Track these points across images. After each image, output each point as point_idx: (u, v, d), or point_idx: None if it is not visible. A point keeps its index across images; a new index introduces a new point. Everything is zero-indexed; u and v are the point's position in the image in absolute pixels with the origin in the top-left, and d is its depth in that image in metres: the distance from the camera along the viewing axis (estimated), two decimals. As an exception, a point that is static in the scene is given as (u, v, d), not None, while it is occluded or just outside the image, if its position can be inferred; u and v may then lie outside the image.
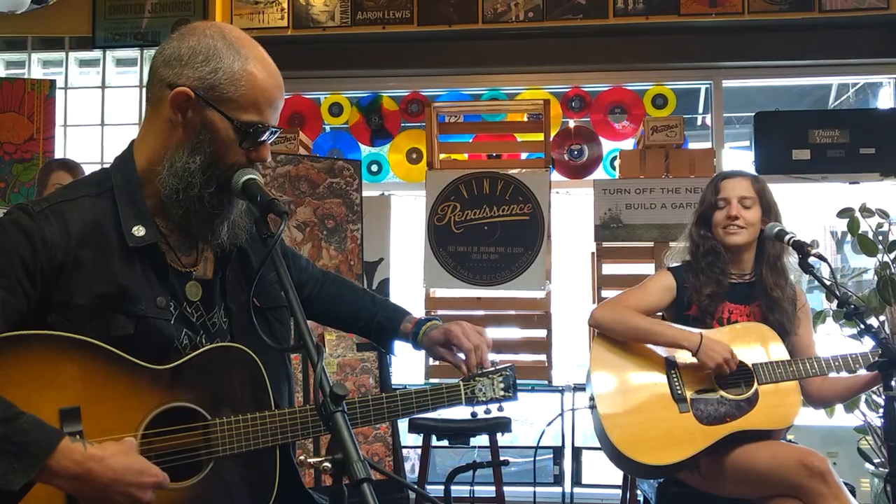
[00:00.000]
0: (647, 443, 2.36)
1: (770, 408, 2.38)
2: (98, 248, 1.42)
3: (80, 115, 5.06)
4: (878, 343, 1.99)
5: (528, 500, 3.84)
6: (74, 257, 1.40)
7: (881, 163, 4.59)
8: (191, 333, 1.50)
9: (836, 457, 4.01)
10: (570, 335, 4.73)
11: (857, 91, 5.18)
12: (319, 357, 1.18)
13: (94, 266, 1.41)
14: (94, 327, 1.40)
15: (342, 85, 5.10)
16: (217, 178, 1.45)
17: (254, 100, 1.42)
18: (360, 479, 1.04)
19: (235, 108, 1.42)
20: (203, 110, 1.42)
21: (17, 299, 1.37)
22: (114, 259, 1.43)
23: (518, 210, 4.40)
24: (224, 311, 1.55)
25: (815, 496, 2.20)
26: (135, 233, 1.44)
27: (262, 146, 1.47)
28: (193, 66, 1.42)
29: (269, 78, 1.45)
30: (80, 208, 1.45)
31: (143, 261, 1.45)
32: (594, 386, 2.49)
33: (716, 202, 2.62)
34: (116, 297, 1.41)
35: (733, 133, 5.12)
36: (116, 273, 1.42)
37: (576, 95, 4.94)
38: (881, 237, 3.89)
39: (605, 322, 2.54)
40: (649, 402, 2.44)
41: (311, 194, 4.06)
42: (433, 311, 4.43)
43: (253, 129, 1.43)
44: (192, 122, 1.43)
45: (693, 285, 2.58)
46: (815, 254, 2.28)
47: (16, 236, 1.38)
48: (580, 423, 4.33)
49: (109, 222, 1.44)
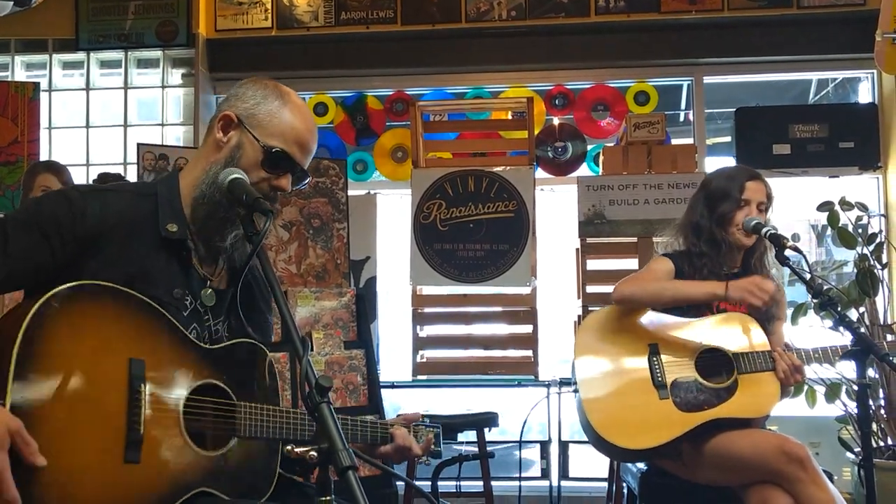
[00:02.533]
0: (627, 427, 2.41)
1: (749, 397, 2.43)
2: (131, 233, 1.56)
3: (65, 118, 5.06)
4: (852, 332, 2.04)
5: (515, 494, 3.87)
6: (108, 235, 1.53)
7: (860, 157, 4.66)
8: (199, 328, 1.61)
9: (818, 447, 4.07)
10: (555, 330, 4.78)
11: (836, 86, 5.25)
12: (305, 351, 1.22)
13: (123, 247, 1.54)
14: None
15: (327, 85, 5.12)
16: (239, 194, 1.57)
17: (282, 131, 1.63)
18: (345, 466, 1.07)
19: (265, 134, 1.62)
20: (242, 133, 1.63)
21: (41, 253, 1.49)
22: (144, 245, 1.56)
23: (503, 207, 4.44)
24: (226, 324, 1.69)
25: (795, 482, 2.24)
26: (169, 228, 1.59)
27: (283, 176, 1.63)
28: (244, 100, 1.67)
29: (303, 121, 1.66)
30: (123, 199, 1.60)
31: (170, 254, 1.59)
32: (577, 371, 2.54)
33: (739, 201, 2.62)
34: (138, 277, 1.53)
35: (715, 129, 5.17)
36: (144, 257, 1.55)
37: (559, 93, 4.98)
38: (860, 230, 3.94)
39: (633, 292, 2.56)
40: (630, 388, 2.49)
41: (297, 194, 4.08)
42: (420, 309, 4.47)
43: (275, 152, 1.61)
44: (231, 141, 1.64)
45: (689, 274, 2.61)
46: (790, 246, 2.33)
47: (58, 202, 1.53)
48: (566, 418, 4.37)
49: (147, 217, 1.59)
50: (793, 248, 2.32)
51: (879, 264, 3.89)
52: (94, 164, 4.89)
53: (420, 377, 4.40)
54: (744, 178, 2.65)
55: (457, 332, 4.52)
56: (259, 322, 1.75)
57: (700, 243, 2.65)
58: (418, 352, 4.43)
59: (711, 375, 2.49)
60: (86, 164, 4.91)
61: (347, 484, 1.07)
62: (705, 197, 2.70)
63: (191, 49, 4.96)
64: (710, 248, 2.63)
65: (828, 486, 2.26)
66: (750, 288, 2.41)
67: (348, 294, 3.94)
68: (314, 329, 3.93)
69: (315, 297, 4.02)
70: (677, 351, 2.53)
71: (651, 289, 2.55)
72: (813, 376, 3.79)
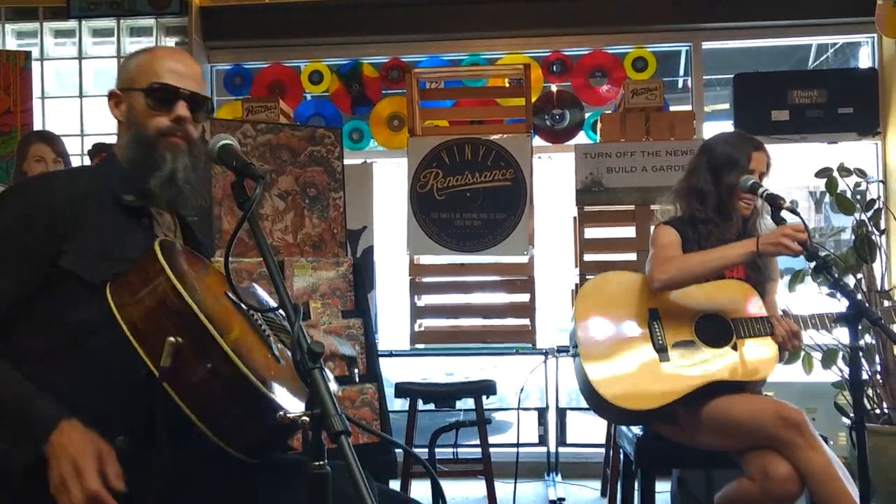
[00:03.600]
0: (627, 389, 2.43)
1: (747, 361, 2.45)
2: (100, 206, 1.62)
3: (58, 87, 5.02)
4: (846, 295, 2.04)
5: (513, 461, 3.90)
6: (79, 218, 1.58)
7: (859, 122, 4.63)
8: None
9: (814, 412, 4.10)
10: (553, 299, 4.78)
11: (836, 51, 5.20)
12: (297, 316, 1.21)
13: (98, 219, 1.60)
14: (103, 269, 1.54)
15: (321, 52, 5.07)
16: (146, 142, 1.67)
17: (152, 70, 1.68)
18: (338, 431, 1.07)
19: (140, 81, 1.68)
20: (127, 97, 1.71)
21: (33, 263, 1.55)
22: (112, 215, 1.63)
23: (500, 176, 4.41)
24: None
25: (792, 447, 2.26)
26: (127, 198, 1.65)
27: (175, 105, 1.67)
28: (120, 73, 1.76)
29: (167, 53, 1.72)
30: (81, 175, 1.70)
31: (136, 223, 1.66)
32: (578, 334, 2.55)
33: (745, 170, 2.59)
34: (119, 243, 1.59)
35: (713, 95, 5.14)
36: (118, 225, 1.62)
37: (556, 60, 4.94)
38: (859, 196, 3.93)
39: (674, 277, 2.51)
40: (630, 351, 2.50)
41: (293, 163, 4.06)
42: (418, 278, 4.47)
43: (151, 87, 1.66)
44: (124, 111, 1.72)
45: (694, 240, 2.60)
46: (787, 207, 2.32)
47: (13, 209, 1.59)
48: (564, 385, 4.40)
49: (105, 191, 1.65)
50: (789, 209, 2.31)
51: (877, 230, 3.89)
52: (89, 135, 4.86)
53: (418, 346, 4.41)
54: (750, 147, 2.63)
55: (454, 301, 4.53)
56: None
57: (706, 210, 2.63)
58: (416, 321, 4.43)
59: (710, 340, 2.50)
60: (80, 135, 4.88)
61: (340, 449, 1.07)
62: (709, 163, 2.66)
63: (184, 17, 4.90)
64: (717, 214, 2.62)
65: (825, 449, 2.27)
66: (779, 239, 2.37)
67: (345, 264, 3.93)
68: (311, 299, 3.93)
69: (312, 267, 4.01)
70: (677, 316, 2.54)
71: (690, 267, 2.49)
72: (810, 342, 3.80)
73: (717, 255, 2.48)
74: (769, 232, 2.45)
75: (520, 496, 3.96)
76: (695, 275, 2.50)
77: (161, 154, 1.66)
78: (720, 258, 2.47)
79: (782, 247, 2.36)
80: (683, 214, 2.69)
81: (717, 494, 2.48)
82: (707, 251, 2.53)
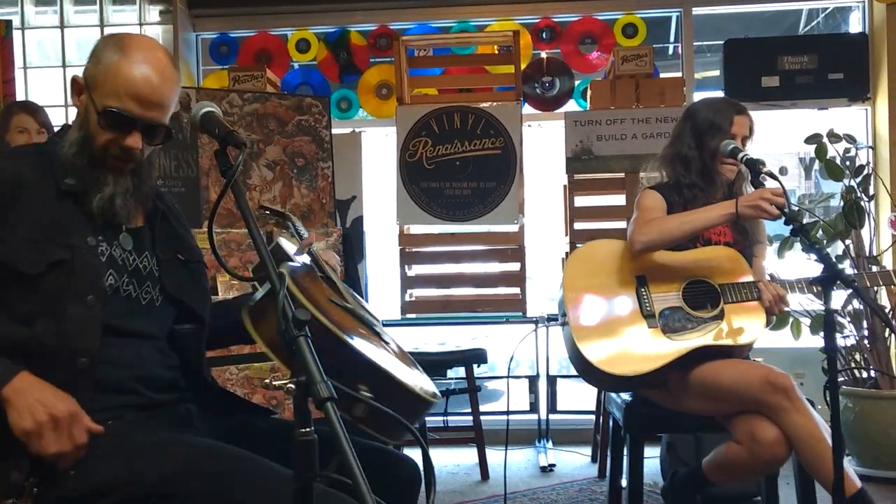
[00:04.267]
0: (616, 355, 2.43)
1: (735, 326, 2.46)
2: (36, 192, 1.54)
3: (40, 57, 4.95)
4: (821, 258, 2.05)
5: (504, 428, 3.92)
6: (11, 202, 1.51)
7: (849, 88, 4.62)
8: (115, 275, 1.58)
9: (802, 377, 4.13)
10: (543, 267, 4.79)
11: (826, 17, 5.17)
12: (281, 284, 1.20)
13: (31, 205, 1.53)
14: (34, 257, 1.49)
15: (308, 20, 5.00)
16: (89, 154, 1.57)
17: (115, 88, 1.55)
18: (323, 398, 1.07)
19: (103, 94, 1.56)
20: (87, 96, 1.59)
21: None
22: (51, 200, 1.55)
23: (490, 144, 4.39)
24: (154, 259, 1.67)
25: (779, 411, 2.27)
26: (68, 182, 1.57)
27: (129, 135, 1.56)
28: (93, 60, 1.61)
29: (139, 71, 1.56)
30: (17, 163, 1.60)
31: (76, 205, 1.57)
32: (566, 303, 2.55)
33: (728, 135, 2.59)
34: (53, 229, 1.52)
35: (704, 62, 5.10)
36: (54, 210, 1.54)
37: (546, 26, 4.89)
38: (848, 162, 3.93)
39: (653, 239, 2.51)
40: (619, 318, 2.51)
41: (280, 132, 4.02)
42: (408, 248, 4.46)
43: (107, 112, 1.55)
44: (80, 105, 1.61)
45: (680, 205, 2.60)
46: (765, 172, 2.31)
47: None
48: (554, 353, 4.42)
49: (46, 173, 1.58)
50: (768, 174, 2.31)
51: (866, 196, 3.90)
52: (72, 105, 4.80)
53: (409, 316, 4.42)
54: (732, 111, 2.63)
55: (445, 271, 4.53)
56: (184, 246, 1.76)
57: (690, 175, 2.63)
58: (406, 291, 4.43)
59: (698, 305, 2.51)
60: (64, 105, 4.82)
61: (326, 416, 1.06)
62: (692, 128, 2.66)
63: (168, -16, 4.83)
64: (702, 179, 2.62)
65: (812, 413, 2.29)
66: (757, 201, 2.38)
67: (335, 234, 3.92)
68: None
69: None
70: (664, 282, 2.54)
71: (670, 228, 2.50)
72: (798, 308, 3.83)
73: (697, 217, 2.49)
74: (748, 194, 2.46)
75: (511, 463, 3.99)
76: (674, 236, 2.51)
77: (102, 174, 1.58)
78: (699, 220, 2.48)
79: (760, 210, 2.37)
80: (669, 180, 2.69)
81: (705, 459, 2.50)
82: (686, 213, 2.53)
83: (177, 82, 1.63)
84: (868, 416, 3.70)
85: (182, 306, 1.69)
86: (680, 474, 2.63)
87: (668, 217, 2.55)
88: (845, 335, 3.85)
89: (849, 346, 3.89)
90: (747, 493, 3.16)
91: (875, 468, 3.69)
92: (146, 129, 1.58)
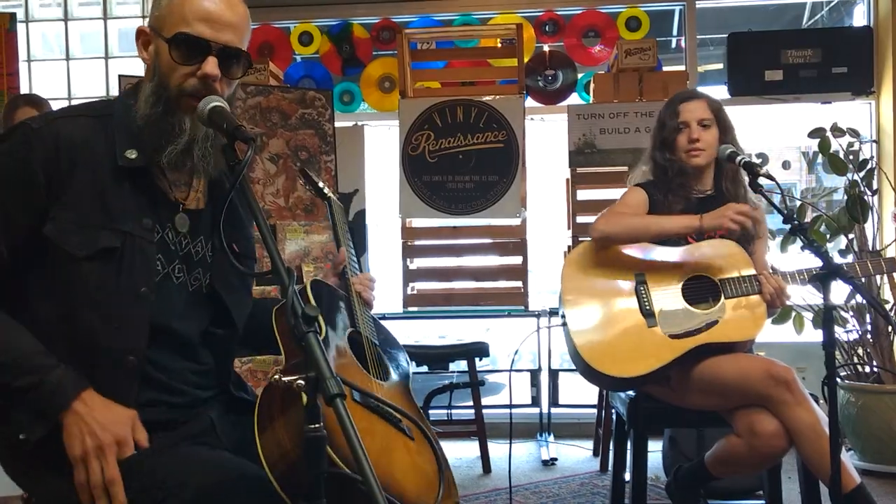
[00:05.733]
0: (617, 356, 2.43)
1: (736, 321, 2.45)
2: (90, 167, 1.47)
3: (44, 50, 4.94)
4: (819, 256, 2.05)
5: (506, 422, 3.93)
6: (69, 173, 1.45)
7: (853, 82, 4.61)
8: (164, 260, 1.52)
9: (804, 371, 4.12)
10: (545, 261, 4.79)
11: (830, 10, 5.16)
12: (291, 281, 1.20)
13: (84, 183, 1.46)
14: (83, 240, 1.44)
15: (311, 13, 5.00)
16: (165, 98, 1.49)
17: (181, 15, 1.47)
18: (333, 394, 1.07)
19: (168, 27, 1.49)
20: (155, 40, 1.51)
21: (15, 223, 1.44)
22: (105, 178, 1.47)
23: (492, 138, 4.39)
24: (209, 244, 1.60)
25: (781, 404, 2.28)
26: (127, 155, 1.49)
27: (203, 61, 1.47)
28: (154, 9, 1.53)
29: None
30: (76, 125, 1.50)
31: (133, 183, 1.50)
32: (566, 304, 2.55)
33: (677, 126, 2.66)
34: (105, 212, 1.46)
35: (707, 55, 5.10)
36: (106, 191, 1.47)
37: (549, 19, 4.88)
38: (851, 156, 3.93)
39: (612, 230, 2.57)
40: (619, 318, 2.50)
41: (284, 126, 4.02)
42: (410, 241, 4.46)
43: (176, 38, 1.46)
44: (151, 55, 1.53)
45: (662, 201, 2.63)
46: (764, 174, 2.32)
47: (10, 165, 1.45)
48: (556, 347, 4.42)
49: (102, 144, 1.49)
50: (766, 176, 2.31)
51: (869, 190, 3.89)
52: (77, 98, 4.80)
53: (411, 309, 4.42)
54: (677, 101, 2.71)
55: (447, 264, 4.53)
56: (241, 236, 1.68)
57: (668, 175, 2.67)
58: (409, 284, 4.44)
59: (698, 301, 2.50)
60: (67, 98, 4.82)
61: (336, 412, 1.07)
62: (654, 130, 2.77)
63: (170, -23, 4.81)
64: (680, 176, 2.66)
65: (813, 407, 2.30)
66: (724, 215, 2.43)
67: (337, 227, 3.91)
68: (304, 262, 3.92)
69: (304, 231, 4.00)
70: (664, 279, 2.54)
71: (629, 226, 2.56)
72: (801, 303, 3.83)
73: (663, 223, 2.54)
74: (715, 210, 2.48)
75: (513, 456, 4.01)
76: (634, 236, 2.57)
77: (180, 118, 1.48)
78: (658, 226, 2.54)
79: (725, 223, 2.43)
80: (653, 178, 2.73)
81: (707, 453, 2.51)
82: (654, 217, 2.58)
83: (246, 10, 1.55)
84: (870, 411, 3.71)
85: (221, 305, 1.61)
86: (683, 469, 2.64)
87: (635, 216, 2.59)
88: (848, 330, 3.85)
89: (851, 341, 3.90)
90: (750, 488, 3.17)
91: (877, 463, 3.70)
92: (222, 54, 1.48)
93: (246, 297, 1.69)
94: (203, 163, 1.52)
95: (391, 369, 1.75)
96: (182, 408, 1.55)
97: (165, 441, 1.48)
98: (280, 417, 1.34)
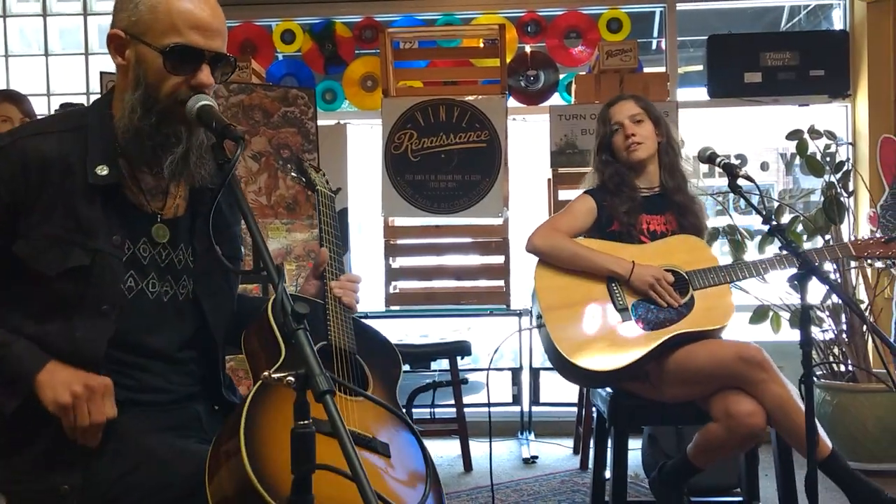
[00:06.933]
0: (594, 351, 2.47)
1: (706, 310, 2.52)
2: (61, 183, 1.45)
3: (22, 45, 4.89)
4: (797, 255, 2.10)
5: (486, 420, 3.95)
6: (36, 191, 1.44)
7: (830, 85, 4.67)
8: (136, 276, 1.52)
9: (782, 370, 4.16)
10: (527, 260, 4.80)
11: (808, 13, 5.23)
12: (280, 278, 1.21)
13: (55, 200, 1.44)
14: (53, 258, 1.44)
15: (293, 11, 4.99)
16: (157, 109, 1.46)
17: (172, 23, 1.44)
18: (322, 391, 1.08)
19: (156, 35, 1.44)
20: (135, 46, 1.46)
21: None
22: (76, 194, 1.45)
23: (475, 137, 4.41)
24: (190, 250, 1.59)
25: (756, 383, 2.33)
26: (98, 171, 1.46)
27: (199, 71, 1.46)
28: (124, 10, 1.48)
29: (191, 3, 1.46)
30: (46, 142, 1.47)
31: (104, 199, 1.48)
32: (540, 304, 2.58)
33: (611, 130, 2.78)
34: (75, 230, 1.45)
35: (687, 56, 5.15)
36: (77, 207, 1.45)
37: (531, 20, 4.91)
38: (828, 158, 3.98)
39: (545, 250, 2.66)
40: (593, 314, 2.55)
41: (266, 123, 4.02)
42: (393, 240, 4.47)
43: (173, 49, 1.43)
44: (130, 61, 1.47)
45: (610, 204, 2.71)
46: (742, 175, 2.35)
47: None
48: (537, 345, 4.45)
49: (76, 159, 1.47)
50: (745, 177, 2.35)
51: (846, 192, 3.95)
52: (56, 94, 4.76)
53: (393, 308, 4.43)
54: (606, 108, 2.85)
55: (429, 263, 4.54)
56: (227, 237, 1.66)
57: (606, 178, 2.77)
58: (391, 283, 4.45)
59: (668, 294, 2.56)
60: (46, 94, 4.77)
61: (325, 408, 1.08)
62: (595, 139, 2.90)
63: (151, -27, 4.78)
64: (616, 177, 2.74)
65: (786, 383, 2.37)
66: (649, 283, 2.52)
67: (320, 225, 3.92)
68: (286, 261, 3.92)
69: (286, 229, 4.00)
70: None
71: (561, 251, 2.63)
72: (778, 302, 3.88)
73: (592, 258, 2.60)
74: (647, 269, 2.54)
75: (494, 455, 4.03)
76: (561, 262, 2.64)
77: (175, 129, 1.46)
78: (589, 263, 2.60)
79: (644, 287, 2.52)
80: (600, 183, 2.81)
81: (689, 445, 2.54)
82: (587, 250, 2.63)
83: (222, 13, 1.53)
84: (845, 410, 3.76)
85: (202, 316, 1.59)
86: (668, 465, 2.67)
87: (570, 242, 2.65)
88: (824, 329, 3.91)
89: (827, 341, 3.95)
90: (727, 485, 3.22)
91: (852, 461, 3.73)
92: (213, 61, 1.47)
93: (229, 300, 1.68)
94: (197, 169, 1.51)
95: (372, 377, 1.69)
96: (164, 403, 1.56)
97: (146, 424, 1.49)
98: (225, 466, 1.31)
